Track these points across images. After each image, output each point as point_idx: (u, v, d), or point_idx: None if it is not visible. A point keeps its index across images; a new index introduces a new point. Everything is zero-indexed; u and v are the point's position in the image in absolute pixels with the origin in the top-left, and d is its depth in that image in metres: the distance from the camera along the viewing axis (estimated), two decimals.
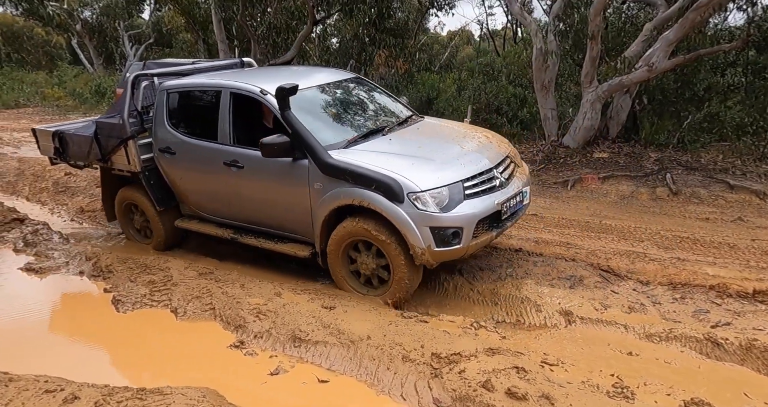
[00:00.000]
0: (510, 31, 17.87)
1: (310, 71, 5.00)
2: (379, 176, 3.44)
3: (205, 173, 4.32)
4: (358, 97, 4.59)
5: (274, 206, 4.02)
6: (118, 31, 23.72)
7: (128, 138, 4.52)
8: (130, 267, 4.22)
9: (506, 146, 4.21)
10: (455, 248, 3.45)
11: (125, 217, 5.08)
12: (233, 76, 4.51)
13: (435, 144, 3.94)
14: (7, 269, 4.45)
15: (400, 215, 3.38)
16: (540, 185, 6.96)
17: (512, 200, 3.77)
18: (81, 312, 3.89)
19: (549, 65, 7.66)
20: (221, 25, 12.80)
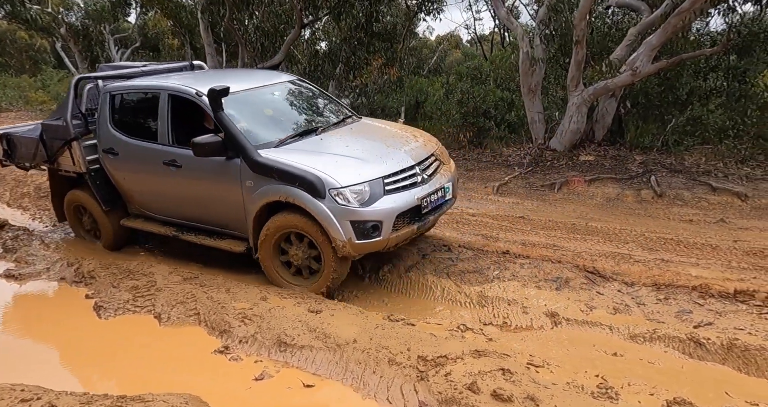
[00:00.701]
0: (498, 36, 18.03)
1: (252, 74, 5.19)
2: (303, 173, 3.64)
3: (146, 172, 4.46)
4: (297, 99, 4.79)
5: (210, 203, 4.19)
6: (104, 34, 23.51)
7: (72, 140, 4.64)
8: (113, 273, 4.16)
9: (433, 144, 4.42)
10: (376, 241, 3.66)
11: (74, 217, 5.20)
12: (174, 78, 4.64)
13: (363, 143, 4.13)
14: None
15: (322, 210, 3.58)
16: (527, 187, 7.02)
17: (433, 196, 3.99)
18: (61, 318, 3.82)
19: (535, 69, 7.74)
20: (208, 29, 12.73)
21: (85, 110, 4.78)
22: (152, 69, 5.13)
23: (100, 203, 4.72)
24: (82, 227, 5.20)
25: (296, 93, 4.82)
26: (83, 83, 4.81)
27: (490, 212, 6.03)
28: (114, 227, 4.84)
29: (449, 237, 5.10)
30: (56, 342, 3.54)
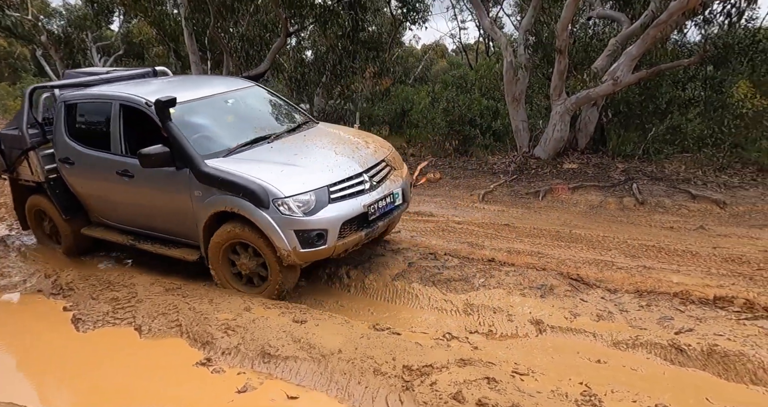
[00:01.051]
0: (483, 45, 18.26)
1: (210, 81, 5.21)
2: (247, 183, 3.64)
3: (101, 182, 4.48)
4: (253, 106, 4.77)
5: (163, 212, 4.21)
6: (86, 42, 23.23)
7: (29, 149, 4.65)
8: (93, 284, 4.08)
9: (385, 150, 4.45)
10: (321, 249, 3.69)
11: (36, 222, 5.21)
12: (127, 87, 4.60)
13: (312, 151, 4.12)
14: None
15: (266, 220, 3.59)
16: (512, 195, 7.08)
17: (381, 202, 4.02)
18: (38, 332, 3.73)
19: (519, 78, 7.85)
20: (192, 37, 12.69)
21: (42, 119, 4.78)
22: (113, 76, 5.08)
23: (60, 211, 4.71)
24: (43, 233, 5.20)
25: (252, 100, 4.80)
26: (39, 92, 4.84)
27: (475, 220, 6.06)
28: (75, 235, 4.82)
29: (435, 245, 5.11)
30: (32, 357, 3.45)
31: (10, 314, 4.07)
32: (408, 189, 4.45)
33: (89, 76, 5.11)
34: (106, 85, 4.79)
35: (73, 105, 4.57)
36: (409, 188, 4.48)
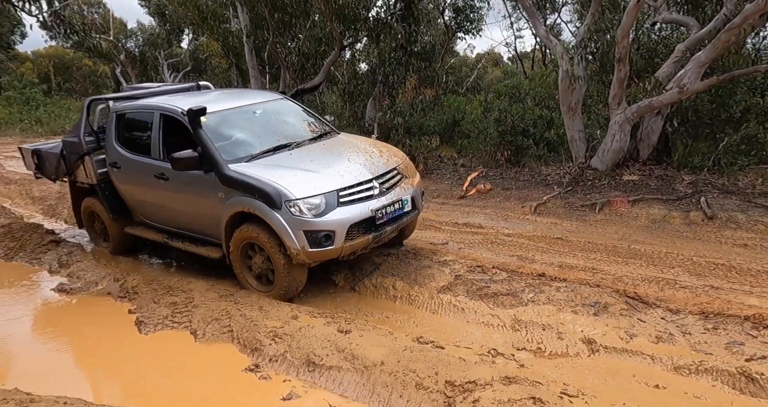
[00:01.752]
0: (539, 53, 17.86)
1: (243, 94, 5.60)
2: (262, 186, 3.90)
3: (142, 184, 4.91)
4: (279, 116, 5.07)
5: (192, 212, 4.55)
6: (159, 59, 24.93)
7: (84, 154, 5.19)
8: (155, 289, 4.34)
9: (397, 159, 4.65)
10: (329, 249, 3.90)
11: (89, 222, 5.75)
12: (169, 99, 5.01)
13: (327, 158, 4.34)
14: (41, 290, 4.65)
15: (278, 220, 3.84)
16: (566, 207, 6.83)
17: (389, 208, 4.21)
18: (105, 332, 3.99)
19: (576, 87, 7.59)
20: (252, 53, 13.29)
21: (97, 127, 5.31)
22: (160, 90, 5.55)
23: (108, 211, 5.22)
24: (95, 231, 5.75)
25: (279, 111, 5.12)
26: (95, 104, 5.38)
27: (526, 233, 5.90)
28: (120, 233, 5.31)
29: (483, 258, 5.02)
30: (99, 356, 3.69)
31: (82, 314, 4.38)
32: (419, 197, 4.60)
33: (142, 90, 5.63)
34: (152, 97, 5.21)
35: (122, 115, 5.03)
36: (420, 196, 4.63)
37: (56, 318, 4.28)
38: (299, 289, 4.20)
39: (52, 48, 30.07)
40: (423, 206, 4.75)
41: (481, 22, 14.06)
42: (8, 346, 3.92)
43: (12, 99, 19.67)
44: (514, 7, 16.46)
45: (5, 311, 4.41)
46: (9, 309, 4.43)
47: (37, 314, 4.37)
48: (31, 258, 5.45)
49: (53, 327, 4.10)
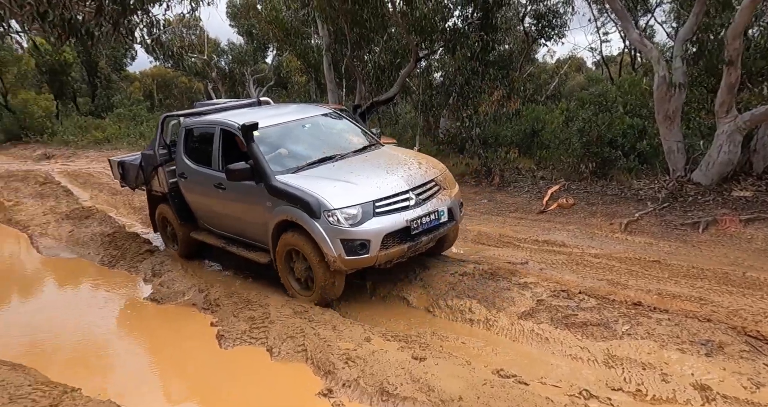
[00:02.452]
0: (627, 58, 16.71)
1: (297, 109, 5.76)
2: (303, 196, 4.13)
3: (204, 193, 5.30)
4: (327, 130, 5.34)
5: (244, 220, 4.87)
6: (245, 75, 26.50)
7: (158, 166, 5.74)
8: (235, 302, 4.45)
9: (436, 171, 4.73)
10: (364, 257, 4.05)
11: (162, 228, 6.25)
12: (229, 114, 5.36)
13: (367, 170, 4.51)
14: (136, 298, 4.97)
15: (317, 229, 4.05)
16: (663, 226, 6.19)
17: (425, 218, 4.30)
18: (190, 345, 4.12)
19: (674, 94, 6.91)
20: (330, 67, 13.65)
21: (170, 141, 5.79)
22: (225, 106, 5.98)
23: (177, 217, 5.70)
24: (166, 236, 6.22)
25: (327, 125, 5.39)
26: (168, 120, 5.89)
27: (616, 253, 5.40)
28: (187, 237, 5.74)
29: (568, 281, 4.64)
30: (184, 370, 3.82)
31: (171, 325, 4.59)
32: (457, 208, 4.68)
33: (210, 106, 6.07)
34: (217, 113, 5.55)
35: (190, 130, 5.46)
36: (458, 207, 4.71)
37: (148, 327, 4.52)
38: (337, 295, 4.38)
39: (156, 68, 33.08)
40: (461, 217, 4.82)
41: (565, 27, 13.40)
42: (103, 353, 4.20)
43: (121, 116, 21.78)
44: (600, 10, 15.55)
45: (105, 317, 4.77)
46: (108, 316, 4.79)
47: (132, 323, 4.67)
48: (129, 266, 5.87)
49: (145, 337, 4.35)
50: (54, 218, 8.05)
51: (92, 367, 3.80)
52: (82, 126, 20.28)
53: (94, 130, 19.59)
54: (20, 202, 9.37)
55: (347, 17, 11.47)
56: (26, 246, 7.00)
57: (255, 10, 19.08)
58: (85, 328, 4.48)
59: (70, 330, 4.44)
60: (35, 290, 5.68)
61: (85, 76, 26.99)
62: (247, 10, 20.32)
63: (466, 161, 10.40)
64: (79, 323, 4.59)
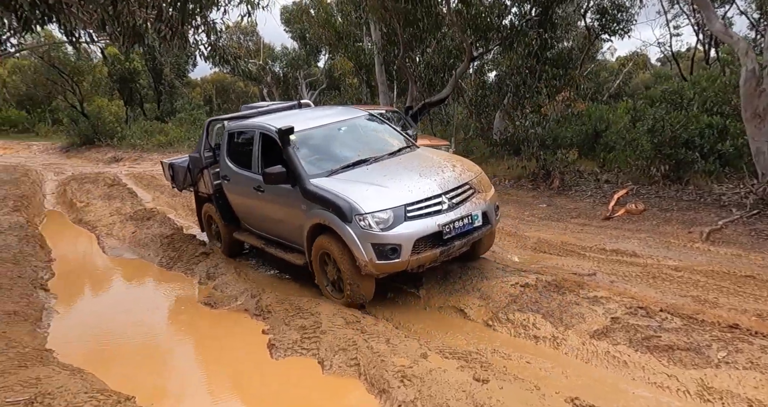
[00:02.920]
0: (700, 53, 15.51)
1: (334, 111, 5.76)
2: (336, 200, 4.11)
3: (244, 195, 5.39)
4: (363, 132, 5.28)
5: (282, 222, 4.91)
6: (298, 79, 27.01)
7: (203, 168, 5.94)
8: (286, 309, 4.33)
9: (471, 173, 4.62)
10: (395, 262, 4.00)
11: (208, 227, 6.46)
12: (269, 118, 5.41)
13: (399, 173, 4.43)
14: (191, 302, 4.98)
15: (348, 233, 4.02)
16: (753, 236, 5.55)
17: (458, 222, 4.19)
18: (242, 354, 4.00)
19: (765, 89, 6.20)
20: (382, 68, 13.53)
21: (215, 144, 5.97)
22: (267, 109, 6.07)
23: (221, 217, 5.85)
24: (211, 234, 6.43)
25: (363, 127, 5.34)
26: (213, 124, 6.15)
27: (699, 267, 4.84)
28: (230, 237, 5.89)
29: (645, 297, 4.18)
30: (235, 380, 3.69)
31: (221, 329, 4.52)
32: (492, 211, 4.56)
33: (253, 109, 6.20)
34: (258, 117, 5.62)
35: (232, 133, 5.57)
36: (494, 211, 4.59)
37: (202, 334, 4.49)
38: (367, 298, 4.36)
39: (215, 74, 34.53)
40: (497, 220, 4.71)
41: (631, 22, 12.55)
42: (159, 359, 4.19)
43: (182, 120, 22.74)
44: (672, 1, 14.50)
45: (162, 322, 4.82)
46: (165, 320, 4.84)
47: (187, 328, 4.66)
48: (186, 269, 5.94)
49: (199, 344, 4.32)
50: (119, 219, 8.35)
51: (147, 374, 3.77)
52: (147, 130, 21.32)
53: (158, 134, 20.54)
54: (90, 203, 9.82)
55: (400, 17, 11.29)
56: (93, 246, 7.29)
57: (308, 14, 19.34)
58: (144, 332, 4.51)
59: (129, 334, 4.48)
60: (99, 291, 5.87)
61: (152, 83, 28.44)
62: (300, 14, 20.65)
63: (522, 164, 9.91)
64: (139, 327, 4.63)
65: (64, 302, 5.18)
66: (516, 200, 8.87)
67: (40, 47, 19.13)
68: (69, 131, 22.79)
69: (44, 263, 6.00)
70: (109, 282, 6.03)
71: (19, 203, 8.75)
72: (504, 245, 6.12)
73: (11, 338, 3.61)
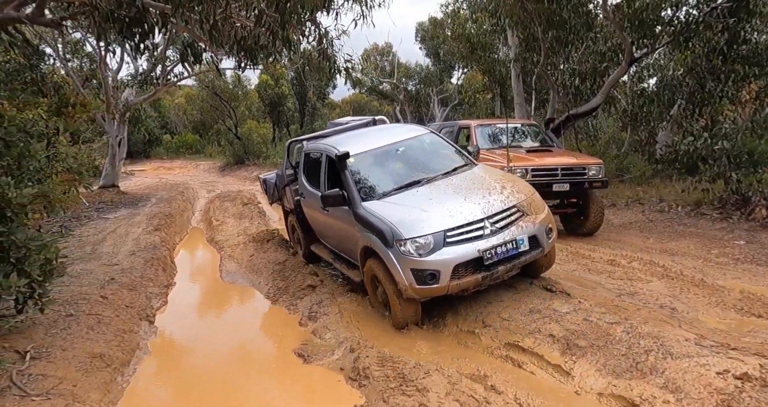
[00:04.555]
0: None
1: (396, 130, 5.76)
2: (379, 225, 4.17)
3: (315, 212, 5.63)
4: (420, 152, 5.26)
5: (344, 240, 5.06)
6: (430, 96, 26.73)
7: (285, 185, 6.57)
8: (387, 375, 3.42)
9: (521, 195, 4.43)
10: (434, 287, 3.98)
11: (292, 234, 7.04)
12: (336, 140, 5.58)
13: (446, 196, 4.38)
14: (283, 349, 4.36)
15: (389, 257, 4.06)
16: None
17: (501, 248, 4.08)
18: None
19: None
20: (519, 77, 12.24)
21: (295, 163, 6.43)
22: (344, 127, 6.37)
23: (300, 230, 6.35)
24: (294, 240, 6.95)
25: (420, 146, 5.33)
26: (293, 144, 6.67)
27: None
28: (308, 248, 6.34)
29: None
30: None
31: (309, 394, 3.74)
32: (543, 235, 4.34)
33: (338, 125, 6.58)
34: (330, 138, 5.89)
35: (308, 154, 5.88)
36: (545, 234, 4.35)
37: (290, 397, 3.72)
38: (413, 321, 4.34)
39: (353, 95, 36.24)
40: (550, 243, 4.42)
41: None
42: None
43: None
44: None
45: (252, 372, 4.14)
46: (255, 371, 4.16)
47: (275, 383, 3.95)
48: (290, 303, 5.42)
49: (282, 402, 3.59)
50: (243, 240, 8.38)
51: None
52: None
53: None
54: (224, 222, 10.17)
55: (542, 20, 9.97)
56: (214, 270, 7.22)
57: (441, 28, 18.90)
58: (232, 381, 3.93)
59: (218, 378, 3.97)
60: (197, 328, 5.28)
61: (297, 106, 30.64)
62: (435, 27, 20.32)
63: (702, 186, 7.81)
64: (227, 371, 4.10)
65: (159, 341, 4.78)
66: (696, 233, 6.93)
67: (195, 75, 21.52)
68: (225, 152, 25.41)
69: (161, 289, 5.95)
70: (212, 316, 5.63)
71: (162, 221, 9.30)
72: (689, 301, 4.52)
73: (77, 394, 3.18)
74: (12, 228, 3.53)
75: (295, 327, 4.82)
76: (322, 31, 4.61)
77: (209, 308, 5.83)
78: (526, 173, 7.00)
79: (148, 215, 10.07)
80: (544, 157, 7.38)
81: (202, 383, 3.93)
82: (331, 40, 5.07)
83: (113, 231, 8.59)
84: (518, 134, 8.81)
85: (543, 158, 7.34)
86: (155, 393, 3.82)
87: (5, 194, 3.52)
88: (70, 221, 9.75)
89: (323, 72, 5.22)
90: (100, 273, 5.80)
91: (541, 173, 7.02)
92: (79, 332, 4.05)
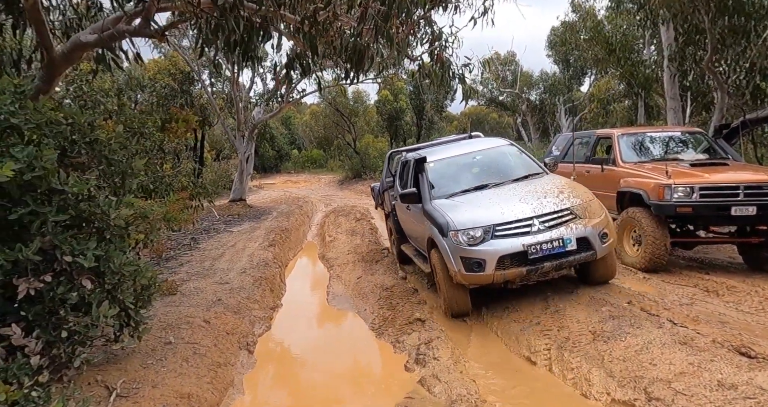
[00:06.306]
0: None
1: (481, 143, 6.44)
2: (438, 217, 4.86)
3: (402, 212, 6.51)
4: (495, 160, 5.91)
5: (418, 234, 5.76)
6: (557, 105, 24.68)
7: (384, 190, 7.57)
8: None
9: (577, 200, 4.79)
10: (480, 275, 4.48)
11: (389, 235, 7.78)
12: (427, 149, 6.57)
13: (504, 198, 4.93)
14: (385, 403, 3.61)
15: (443, 246, 4.70)
16: None
17: (546, 245, 4.45)
18: None
19: None
20: (674, 79, 10.32)
21: (394, 171, 7.17)
22: (439, 141, 7.38)
23: (394, 231, 7.06)
24: (391, 242, 7.71)
25: (498, 156, 5.96)
26: (394, 154, 7.71)
27: None
28: (398, 247, 7.04)
29: None
30: None
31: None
32: (596, 238, 4.57)
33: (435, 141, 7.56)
34: (423, 149, 6.66)
35: (405, 162, 6.59)
36: (597, 237, 4.58)
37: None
38: (462, 310, 4.87)
39: (472, 107, 35.29)
40: (605, 248, 4.65)
41: None
42: None
43: None
44: None
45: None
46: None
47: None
48: (395, 339, 4.68)
49: None
50: (353, 258, 8.00)
51: None
52: None
53: None
54: (336, 238, 9.95)
55: (709, 7, 8.19)
56: (321, 291, 6.84)
57: (573, 30, 17.21)
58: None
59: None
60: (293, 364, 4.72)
61: (414, 120, 30.56)
62: (566, 30, 18.61)
63: None
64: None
65: (255, 376, 4.28)
66: None
67: (315, 92, 22.23)
68: (344, 166, 26.06)
69: (266, 313, 5.64)
70: (312, 350, 4.92)
71: (278, 237, 9.30)
72: None
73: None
74: (110, 251, 3.36)
75: (400, 371, 4.09)
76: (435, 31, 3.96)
77: (311, 339, 5.27)
78: (692, 192, 5.56)
79: (267, 229, 10.24)
80: (716, 172, 5.84)
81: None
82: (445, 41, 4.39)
83: (233, 245, 8.78)
84: (674, 143, 7.28)
85: (715, 173, 5.80)
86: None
87: (106, 214, 3.36)
88: (200, 234, 10.28)
89: (435, 77, 4.55)
90: (210, 293, 5.71)
91: (713, 192, 5.52)
92: (174, 364, 3.80)
